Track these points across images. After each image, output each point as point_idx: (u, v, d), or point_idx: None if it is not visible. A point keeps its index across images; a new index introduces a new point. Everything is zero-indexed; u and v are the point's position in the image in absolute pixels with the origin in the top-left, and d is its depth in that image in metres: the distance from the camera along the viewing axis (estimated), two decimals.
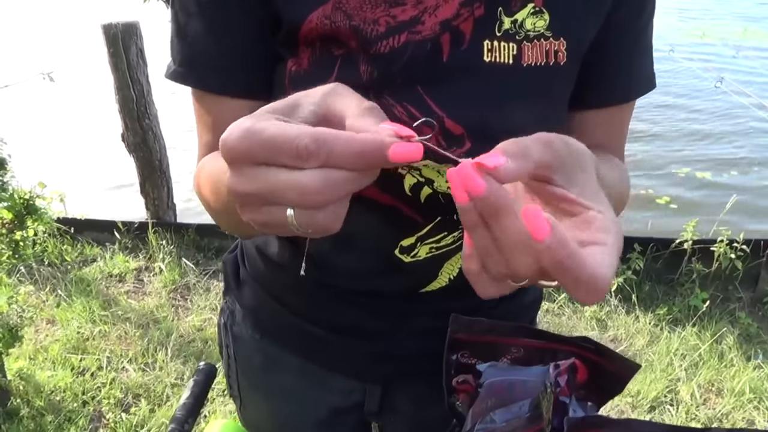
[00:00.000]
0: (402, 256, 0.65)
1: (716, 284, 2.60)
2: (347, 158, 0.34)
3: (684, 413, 2.01)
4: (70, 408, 1.94)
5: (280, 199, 0.35)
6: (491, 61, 0.56)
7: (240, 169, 0.35)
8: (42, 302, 2.47)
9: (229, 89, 0.60)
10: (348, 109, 0.37)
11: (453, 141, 0.57)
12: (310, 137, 0.33)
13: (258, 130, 0.34)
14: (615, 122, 0.67)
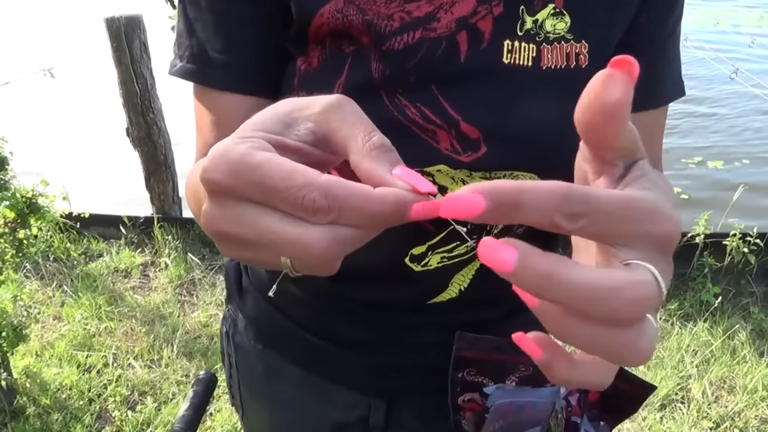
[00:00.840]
0: (412, 265, 0.62)
1: (728, 278, 2.55)
2: (361, 218, 0.30)
3: (695, 411, 1.98)
4: (76, 406, 1.94)
5: (274, 249, 0.30)
6: (510, 63, 0.54)
7: (222, 204, 0.30)
8: (48, 298, 2.47)
9: (237, 87, 0.58)
10: (353, 140, 0.33)
11: (468, 145, 0.55)
12: (320, 192, 0.29)
13: (251, 166, 0.29)
14: (656, 126, 0.64)
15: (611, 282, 0.26)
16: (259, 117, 0.34)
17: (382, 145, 0.32)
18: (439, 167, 0.55)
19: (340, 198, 0.29)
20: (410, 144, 0.54)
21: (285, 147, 0.33)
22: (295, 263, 0.31)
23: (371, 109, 0.54)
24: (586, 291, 0.26)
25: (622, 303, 0.26)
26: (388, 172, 0.31)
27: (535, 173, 0.57)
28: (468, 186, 0.27)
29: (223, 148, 0.30)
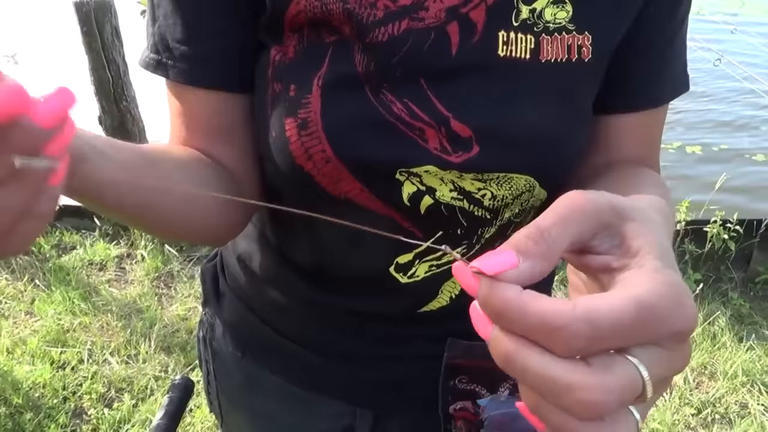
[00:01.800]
0: (398, 276, 0.58)
1: (709, 265, 2.57)
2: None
3: (677, 398, 1.99)
4: (50, 404, 1.88)
5: None
6: (506, 56, 0.49)
7: None
8: (19, 293, 2.39)
9: (198, 80, 0.54)
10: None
11: (459, 145, 0.51)
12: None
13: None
14: (645, 128, 0.59)
15: (565, 378, 0.25)
16: None
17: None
18: (427, 168, 0.51)
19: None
20: (396, 143, 0.50)
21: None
22: None
23: (353, 105, 0.50)
24: (541, 379, 0.25)
25: (574, 403, 0.25)
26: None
27: (531, 176, 0.53)
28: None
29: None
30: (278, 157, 0.52)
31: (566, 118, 0.52)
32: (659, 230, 0.31)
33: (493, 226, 0.56)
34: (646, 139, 0.60)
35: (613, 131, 0.58)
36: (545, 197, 0.56)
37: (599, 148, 0.58)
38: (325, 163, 0.50)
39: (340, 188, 0.52)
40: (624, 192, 0.40)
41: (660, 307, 0.26)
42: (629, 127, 0.58)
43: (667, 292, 0.26)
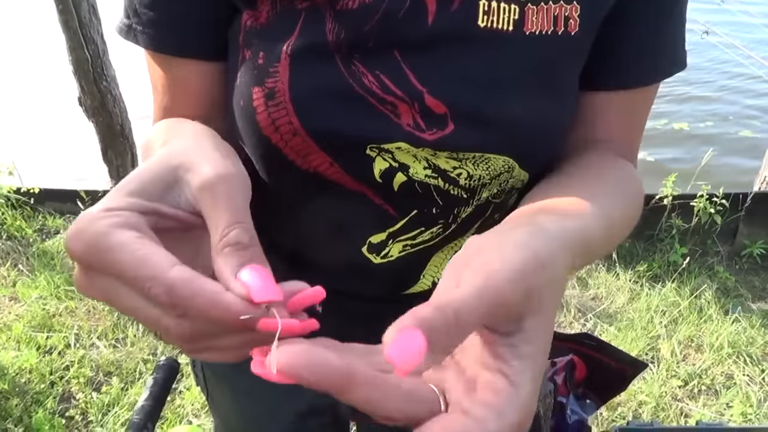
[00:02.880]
0: (371, 256, 0.56)
1: (695, 239, 2.59)
2: (208, 320, 0.30)
3: (665, 370, 2.01)
4: (38, 389, 1.86)
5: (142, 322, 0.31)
6: (487, 27, 0.46)
7: (88, 275, 0.31)
8: (2, 278, 2.36)
9: (171, 49, 0.52)
10: (213, 230, 0.32)
11: (433, 121, 0.48)
12: (164, 288, 0.28)
13: (104, 249, 0.29)
14: (634, 109, 0.55)
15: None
16: (141, 173, 0.34)
17: (236, 243, 0.31)
18: (399, 144, 0.48)
19: (185, 298, 0.29)
20: (366, 117, 0.48)
21: (160, 214, 0.33)
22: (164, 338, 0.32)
23: (323, 76, 0.47)
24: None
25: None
26: (232, 274, 0.31)
27: (510, 157, 0.50)
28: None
29: (84, 222, 0.30)
30: (245, 127, 0.50)
31: (549, 97, 0.50)
32: (553, 298, 0.31)
33: (469, 206, 0.54)
34: (630, 120, 0.56)
35: (595, 108, 0.54)
36: (527, 178, 0.53)
37: (578, 124, 0.54)
38: (292, 135, 0.48)
39: (308, 162, 0.50)
40: (582, 197, 0.41)
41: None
42: (613, 106, 0.54)
43: (516, 421, 0.27)
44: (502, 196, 0.54)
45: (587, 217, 0.39)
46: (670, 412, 1.87)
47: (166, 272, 0.29)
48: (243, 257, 0.31)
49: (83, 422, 1.80)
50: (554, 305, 0.31)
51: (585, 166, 0.51)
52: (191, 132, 0.42)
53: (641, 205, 0.52)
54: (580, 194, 0.42)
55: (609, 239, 0.43)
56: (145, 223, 0.32)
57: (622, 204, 0.47)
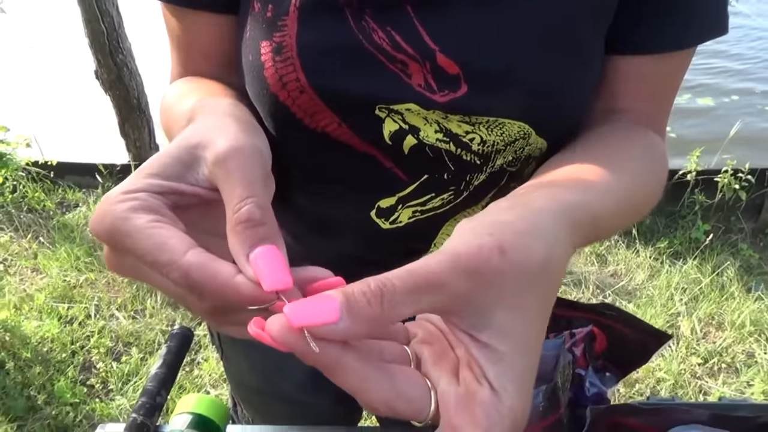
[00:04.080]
0: (379, 221, 0.54)
1: (718, 215, 2.53)
2: (225, 303, 0.30)
3: (684, 348, 1.99)
4: (59, 358, 1.90)
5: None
6: None
7: (116, 254, 0.32)
8: (24, 250, 2.39)
9: (192, 2, 0.51)
10: (227, 205, 0.32)
11: (445, 82, 0.45)
12: (180, 273, 0.29)
13: (123, 234, 0.30)
14: (662, 77, 0.51)
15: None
16: (161, 155, 0.33)
17: (247, 219, 0.31)
18: (409, 106, 0.46)
19: (198, 282, 0.29)
20: (375, 75, 0.45)
21: (179, 193, 0.33)
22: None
23: (331, 31, 0.45)
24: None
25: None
26: (243, 254, 0.31)
27: (526, 122, 0.47)
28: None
29: (104, 206, 0.31)
30: (253, 84, 0.48)
31: (570, 59, 0.47)
32: (544, 300, 0.30)
33: (482, 173, 0.52)
34: (658, 90, 0.52)
35: (619, 75, 0.50)
36: (545, 147, 0.50)
37: (601, 93, 0.51)
38: (299, 93, 0.46)
39: (316, 121, 0.48)
40: (595, 172, 0.39)
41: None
42: (639, 73, 0.50)
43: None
44: (518, 164, 0.52)
45: (596, 191, 0.37)
46: (688, 390, 1.85)
47: (181, 257, 0.29)
48: (255, 236, 0.31)
49: (104, 391, 1.83)
50: (538, 301, 0.29)
51: (607, 136, 0.48)
52: (213, 108, 0.40)
53: (664, 180, 0.49)
54: (595, 165, 0.40)
55: (624, 214, 0.41)
56: (163, 204, 0.32)
57: (643, 177, 0.45)
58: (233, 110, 0.39)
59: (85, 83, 2.90)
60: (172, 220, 0.31)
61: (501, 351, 0.27)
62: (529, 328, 0.29)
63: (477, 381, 0.28)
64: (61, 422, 1.70)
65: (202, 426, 0.64)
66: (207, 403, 0.66)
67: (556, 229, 0.31)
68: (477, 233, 0.29)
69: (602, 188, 0.38)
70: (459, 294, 0.27)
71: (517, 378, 0.28)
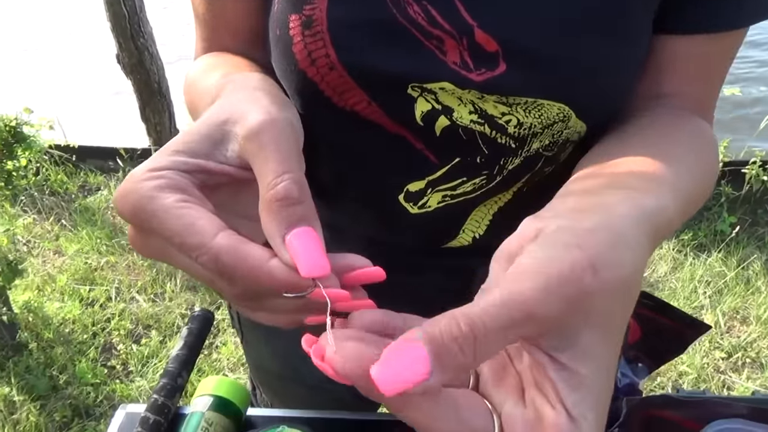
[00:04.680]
0: (407, 205, 0.52)
1: (745, 207, 2.48)
2: (256, 288, 0.29)
3: (707, 342, 1.95)
4: (81, 339, 1.92)
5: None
6: None
7: (141, 234, 0.30)
8: (47, 232, 2.42)
9: None
10: (261, 182, 0.30)
11: (483, 60, 0.43)
12: (210, 257, 0.28)
13: (149, 214, 0.28)
14: (713, 58, 0.48)
15: None
16: (188, 132, 0.32)
17: (284, 197, 0.29)
18: (443, 85, 0.44)
19: (230, 267, 0.28)
20: (409, 52, 0.43)
21: (207, 171, 0.31)
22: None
23: (365, 4, 0.42)
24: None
25: None
26: (279, 236, 0.29)
27: (567, 104, 0.45)
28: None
29: (130, 184, 0.29)
30: (281, 60, 0.47)
31: (616, 37, 0.44)
32: (622, 313, 0.27)
33: (517, 157, 0.49)
34: (707, 72, 0.49)
35: (667, 57, 0.48)
36: (584, 131, 0.48)
37: (646, 75, 0.49)
38: (329, 69, 0.45)
39: (345, 100, 0.46)
40: (647, 164, 0.36)
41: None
42: (688, 54, 0.47)
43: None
44: (555, 148, 0.50)
45: (668, 191, 0.34)
46: (711, 384, 1.82)
47: (211, 240, 0.28)
48: (292, 216, 0.29)
49: (124, 372, 1.85)
50: (620, 319, 0.27)
51: (654, 123, 0.46)
52: (242, 82, 0.39)
53: (717, 173, 0.46)
54: (658, 160, 0.37)
55: (687, 213, 0.38)
56: (190, 183, 0.30)
57: (698, 171, 0.42)
58: (263, 84, 0.37)
59: (108, 67, 2.91)
60: (201, 200, 0.30)
61: (582, 374, 0.25)
62: (611, 348, 0.26)
63: (550, 405, 0.25)
64: (82, 402, 1.72)
65: (223, 408, 0.63)
66: (228, 386, 0.65)
67: (639, 239, 0.28)
68: (566, 244, 0.26)
69: (672, 187, 0.35)
70: (551, 320, 0.25)
71: (597, 405, 0.25)
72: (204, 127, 0.32)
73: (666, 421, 0.43)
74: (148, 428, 0.62)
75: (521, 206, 0.56)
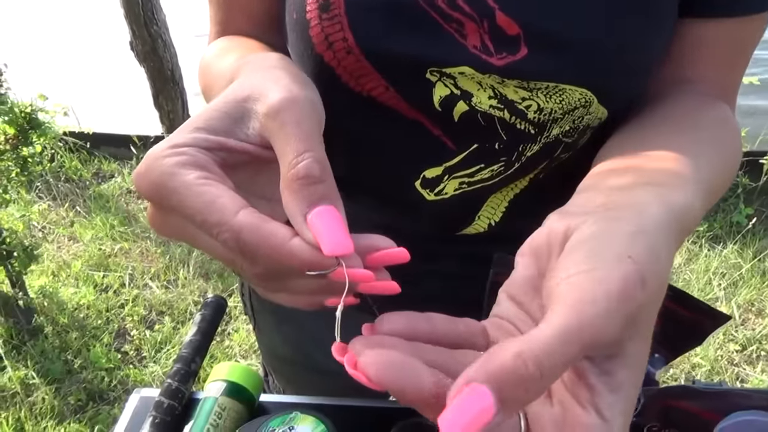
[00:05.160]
0: (424, 192, 0.52)
1: (762, 199, 2.44)
2: (278, 267, 0.28)
3: (722, 334, 1.93)
4: (95, 325, 1.95)
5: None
6: None
7: (161, 212, 0.30)
8: (62, 218, 2.44)
9: None
10: (282, 160, 0.29)
11: (503, 44, 0.42)
12: (231, 235, 0.27)
13: (170, 191, 0.28)
14: (740, 42, 0.47)
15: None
16: (208, 109, 0.31)
17: (306, 176, 0.29)
18: (462, 69, 0.43)
19: (251, 245, 0.27)
20: (428, 36, 0.43)
21: (227, 149, 0.31)
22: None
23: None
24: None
25: None
26: (301, 215, 0.28)
27: (589, 89, 0.44)
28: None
29: (150, 160, 0.29)
30: (297, 44, 0.46)
31: (640, 21, 0.43)
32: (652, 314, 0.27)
33: (536, 143, 0.49)
34: (732, 57, 0.48)
35: (691, 41, 0.47)
36: (605, 116, 0.47)
37: (670, 61, 0.48)
38: (346, 53, 0.44)
39: (362, 85, 0.46)
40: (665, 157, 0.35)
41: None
42: (714, 39, 0.46)
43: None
44: (575, 134, 0.49)
45: (694, 186, 0.33)
46: (725, 376, 1.81)
47: (233, 217, 0.27)
48: (314, 194, 0.28)
49: (137, 357, 1.87)
50: (654, 317, 0.26)
51: (678, 109, 0.45)
52: (261, 62, 0.38)
53: (739, 160, 0.45)
54: (678, 149, 0.36)
55: (707, 207, 0.37)
56: (211, 161, 0.30)
57: (722, 161, 0.41)
58: (283, 63, 0.36)
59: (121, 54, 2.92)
60: (222, 177, 0.29)
61: (621, 379, 0.25)
62: (647, 346, 0.26)
63: (580, 405, 0.25)
64: (96, 386, 1.74)
65: (236, 394, 0.63)
66: (241, 372, 0.65)
67: (670, 242, 0.28)
68: (617, 256, 0.25)
69: (696, 180, 0.34)
70: (609, 341, 0.24)
71: (627, 410, 0.25)
72: (224, 105, 0.31)
73: (684, 411, 0.43)
74: (162, 412, 0.62)
75: (537, 193, 0.55)
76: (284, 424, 0.53)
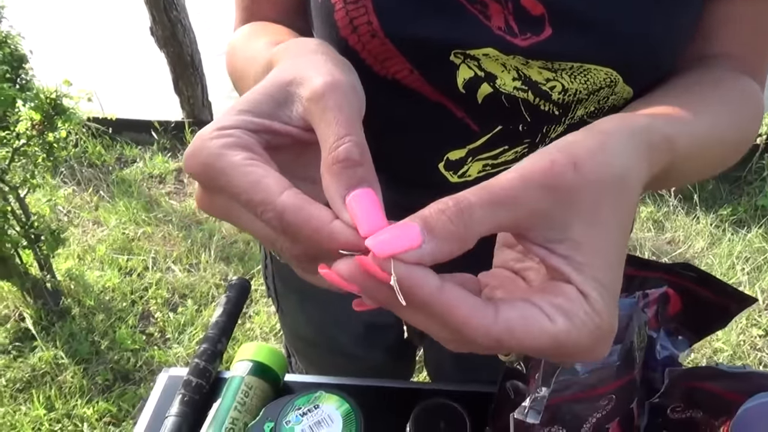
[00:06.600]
0: (447, 174, 0.52)
1: None
2: (319, 249, 0.29)
3: (744, 319, 1.91)
4: (120, 307, 1.99)
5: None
6: None
7: (208, 193, 0.31)
8: (86, 203, 2.49)
9: None
10: (324, 144, 0.30)
11: (528, 24, 0.42)
12: (275, 214, 0.28)
13: (217, 172, 0.29)
14: (760, 18, 0.47)
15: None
16: (252, 92, 0.32)
17: (345, 159, 0.29)
18: (487, 51, 0.43)
19: (293, 225, 0.28)
20: (453, 18, 0.43)
21: (272, 132, 0.32)
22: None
23: None
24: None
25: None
26: (340, 196, 0.29)
27: (614, 68, 0.44)
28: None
29: (198, 142, 0.30)
30: (321, 28, 0.46)
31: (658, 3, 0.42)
32: (627, 205, 0.29)
33: (561, 125, 0.49)
34: (759, 35, 0.47)
35: (718, 18, 0.46)
36: (630, 96, 0.47)
37: (696, 38, 0.47)
38: (370, 37, 0.44)
39: (386, 68, 0.46)
40: (682, 113, 0.37)
41: (573, 349, 0.27)
42: (741, 16, 0.46)
43: (588, 335, 0.27)
44: (600, 115, 0.49)
45: (670, 120, 0.35)
46: (747, 361, 1.79)
47: (277, 197, 0.28)
48: (353, 177, 0.29)
49: (161, 339, 1.91)
50: (615, 215, 0.28)
51: (693, 78, 0.44)
52: (302, 47, 0.38)
53: (758, 128, 0.45)
54: (672, 101, 0.38)
55: (705, 157, 0.39)
56: (256, 142, 0.30)
57: (728, 119, 0.42)
58: (324, 48, 0.37)
59: (142, 40, 2.94)
60: (266, 159, 0.30)
61: (580, 261, 0.27)
62: (607, 241, 0.28)
63: (563, 283, 0.27)
64: (122, 367, 1.79)
65: (261, 373, 0.65)
66: (267, 352, 0.67)
67: (629, 148, 0.30)
68: (546, 151, 0.28)
69: (677, 119, 0.36)
70: (535, 209, 0.27)
71: (600, 288, 0.27)
72: (269, 88, 0.32)
73: (708, 392, 0.43)
74: (191, 390, 0.64)
75: None
76: (309, 403, 0.54)
